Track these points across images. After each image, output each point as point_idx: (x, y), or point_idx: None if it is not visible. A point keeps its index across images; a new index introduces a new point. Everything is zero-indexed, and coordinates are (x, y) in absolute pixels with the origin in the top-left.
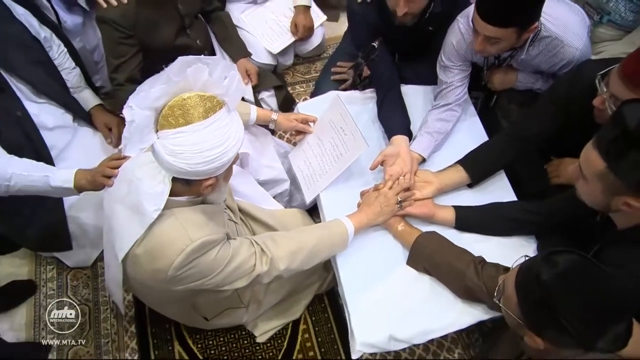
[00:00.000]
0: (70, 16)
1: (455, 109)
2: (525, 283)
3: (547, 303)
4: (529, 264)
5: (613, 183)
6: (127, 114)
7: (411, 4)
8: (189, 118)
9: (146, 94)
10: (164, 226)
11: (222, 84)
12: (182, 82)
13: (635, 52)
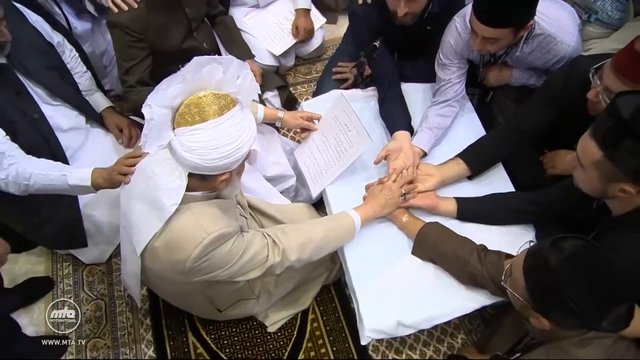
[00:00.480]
0: (80, 22)
1: (454, 104)
2: (534, 268)
3: (555, 286)
4: (536, 249)
5: (610, 170)
6: (146, 112)
7: (411, 4)
8: (205, 115)
9: (164, 93)
10: (181, 220)
11: (235, 82)
12: (198, 81)
13: (627, 46)
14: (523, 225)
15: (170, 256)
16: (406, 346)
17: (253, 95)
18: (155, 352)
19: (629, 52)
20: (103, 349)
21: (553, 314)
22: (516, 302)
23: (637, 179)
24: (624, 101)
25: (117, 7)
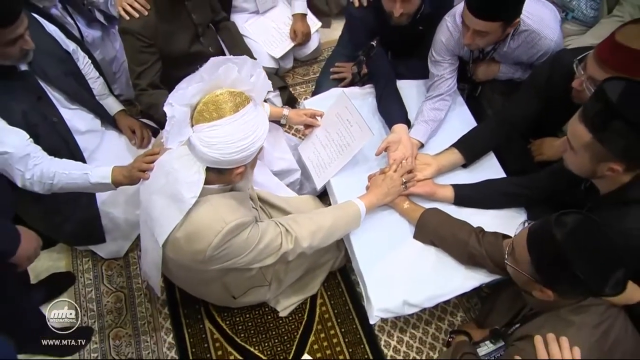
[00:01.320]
0: (91, 31)
1: (447, 98)
2: (539, 243)
3: (563, 259)
4: (538, 226)
5: (599, 151)
6: (167, 110)
7: (406, 5)
8: (222, 112)
9: (184, 92)
10: (201, 211)
11: (249, 80)
12: (215, 80)
13: (609, 38)
14: (516, 208)
15: (191, 246)
16: (410, 325)
17: (265, 93)
18: (175, 339)
19: (611, 43)
20: (125, 338)
21: (560, 285)
22: (519, 278)
23: (625, 157)
24: (610, 86)
25: (129, 15)
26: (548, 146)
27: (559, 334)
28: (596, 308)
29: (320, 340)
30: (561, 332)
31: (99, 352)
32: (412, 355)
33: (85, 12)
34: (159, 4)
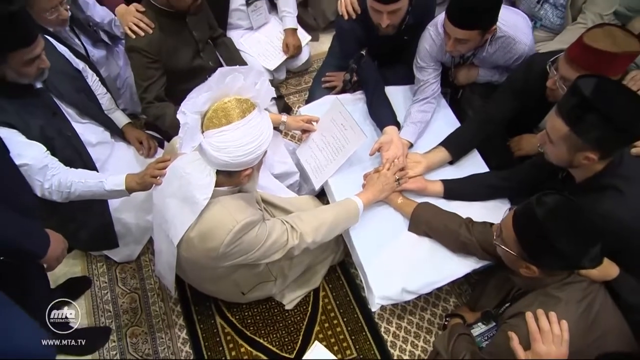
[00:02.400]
0: (96, 50)
1: (432, 101)
2: (523, 222)
3: (544, 234)
4: (522, 208)
5: (576, 142)
6: (180, 118)
7: (392, 17)
8: (230, 118)
9: (195, 100)
10: (212, 212)
11: (254, 88)
12: (223, 88)
13: (577, 40)
14: (500, 199)
15: (205, 244)
16: (407, 312)
17: (269, 99)
18: (188, 335)
19: (579, 45)
20: (141, 335)
21: (543, 259)
22: (507, 257)
23: (599, 147)
24: (584, 83)
25: (135, 33)
26: (526, 142)
27: (547, 309)
28: (579, 285)
29: (325, 330)
30: (549, 308)
31: (117, 350)
32: (411, 340)
33: (91, 33)
34: (162, 23)
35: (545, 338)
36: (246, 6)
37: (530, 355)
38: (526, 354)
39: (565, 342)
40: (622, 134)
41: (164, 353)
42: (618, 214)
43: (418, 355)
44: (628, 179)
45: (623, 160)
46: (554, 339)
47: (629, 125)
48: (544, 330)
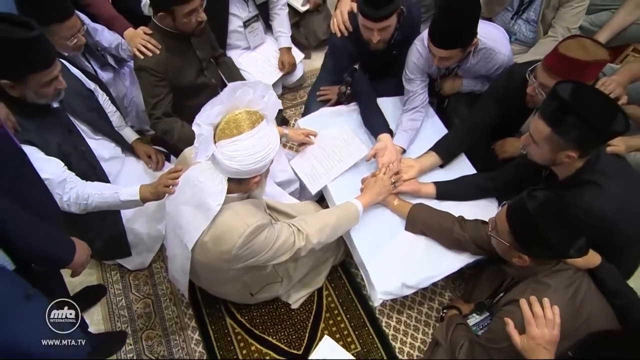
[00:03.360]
0: (104, 73)
1: (421, 110)
2: (516, 215)
3: (535, 226)
4: (515, 202)
5: (557, 142)
6: (195, 129)
7: (382, 33)
8: (241, 129)
9: (209, 113)
10: (224, 217)
11: (262, 100)
12: (234, 101)
13: (553, 50)
14: (488, 198)
15: (218, 247)
16: (406, 307)
17: (276, 111)
18: (200, 336)
19: (555, 55)
20: (156, 338)
21: (534, 248)
22: (501, 247)
23: (579, 145)
24: (562, 88)
25: (143, 54)
26: (509, 145)
27: (539, 296)
28: (566, 272)
29: (330, 326)
30: (540, 294)
31: (134, 353)
32: (411, 333)
33: (99, 57)
34: (168, 43)
35: (539, 322)
36: (244, 27)
37: (525, 338)
38: (521, 338)
39: (557, 325)
40: (599, 133)
41: (178, 354)
42: (598, 207)
43: (418, 347)
44: (605, 174)
45: (600, 158)
46: (547, 323)
47: (605, 125)
48: (538, 315)
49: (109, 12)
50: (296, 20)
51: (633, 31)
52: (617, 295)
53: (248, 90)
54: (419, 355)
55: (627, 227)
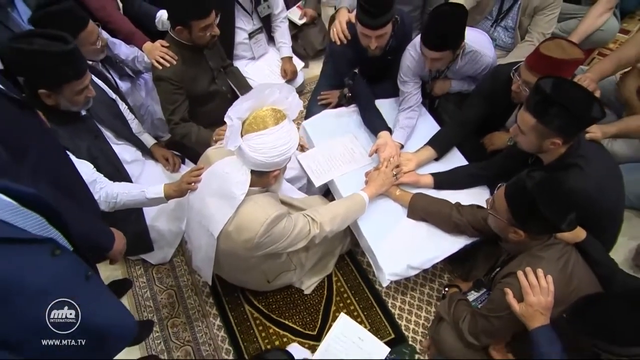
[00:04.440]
0: (122, 83)
1: (416, 109)
2: (515, 193)
3: (532, 202)
4: (514, 182)
5: (542, 131)
6: (227, 121)
7: (379, 40)
8: (266, 124)
9: (239, 107)
10: (247, 207)
11: (286, 100)
12: (262, 99)
13: (535, 51)
14: (480, 186)
15: (241, 235)
16: (409, 289)
17: (298, 111)
18: (222, 322)
19: (537, 54)
20: (180, 325)
21: (530, 223)
22: (498, 224)
23: (562, 132)
24: (544, 82)
25: (161, 65)
26: (497, 138)
27: (534, 267)
28: (556, 246)
29: (340, 309)
30: (535, 266)
31: (162, 339)
32: (414, 311)
33: (118, 68)
34: (184, 55)
35: (535, 291)
36: (249, 39)
37: (523, 306)
38: (520, 306)
39: (551, 292)
40: (579, 120)
41: (202, 339)
42: (582, 186)
43: (422, 324)
44: (586, 158)
45: (580, 143)
46: (542, 291)
47: (584, 113)
48: (534, 285)
49: (128, 28)
50: (294, 32)
51: (597, 37)
52: (601, 265)
53: (275, 90)
54: (423, 332)
55: (607, 204)
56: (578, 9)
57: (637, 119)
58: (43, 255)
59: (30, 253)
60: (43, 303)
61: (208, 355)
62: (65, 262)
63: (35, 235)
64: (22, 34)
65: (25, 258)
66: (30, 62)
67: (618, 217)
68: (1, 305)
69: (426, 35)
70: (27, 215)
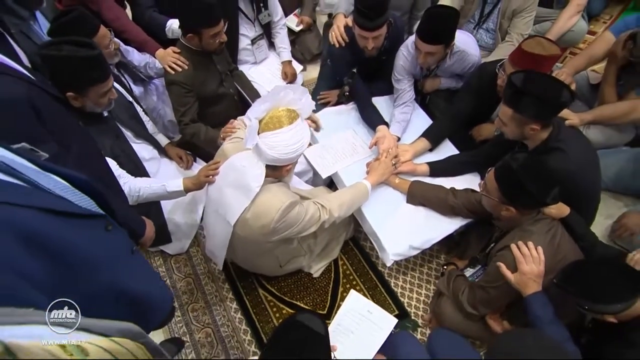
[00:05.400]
0: (136, 87)
1: (409, 104)
2: (503, 174)
3: (519, 180)
4: (501, 164)
5: (520, 119)
6: (246, 121)
7: (376, 40)
8: (281, 124)
9: (258, 108)
10: (263, 196)
11: (300, 101)
12: (277, 100)
13: (517, 48)
14: (471, 173)
15: (258, 222)
16: (409, 269)
17: (310, 111)
18: (238, 305)
19: (519, 51)
20: (200, 310)
21: (518, 199)
22: (491, 204)
23: (537, 118)
24: (515, 77)
25: (173, 70)
26: (484, 129)
27: (525, 240)
28: (544, 221)
29: (347, 290)
30: (527, 239)
31: (183, 322)
32: (415, 289)
33: (131, 73)
34: (194, 60)
35: (527, 260)
36: (251, 45)
37: (518, 275)
38: (514, 275)
39: (542, 262)
40: (551, 105)
41: (221, 321)
42: (564, 166)
43: (422, 300)
44: (566, 142)
45: (561, 129)
46: (534, 260)
47: (554, 99)
48: (526, 255)
49: (141, 37)
50: (292, 38)
51: (569, 37)
52: (583, 238)
53: (289, 92)
54: (424, 307)
55: (586, 184)
56: (551, 12)
57: (609, 107)
58: (98, 229)
59: (88, 227)
60: (100, 272)
61: (227, 335)
62: (116, 236)
63: (91, 211)
64: (51, 41)
65: (84, 231)
66: (60, 67)
67: (596, 197)
68: (66, 270)
69: (423, 30)
70: (80, 195)
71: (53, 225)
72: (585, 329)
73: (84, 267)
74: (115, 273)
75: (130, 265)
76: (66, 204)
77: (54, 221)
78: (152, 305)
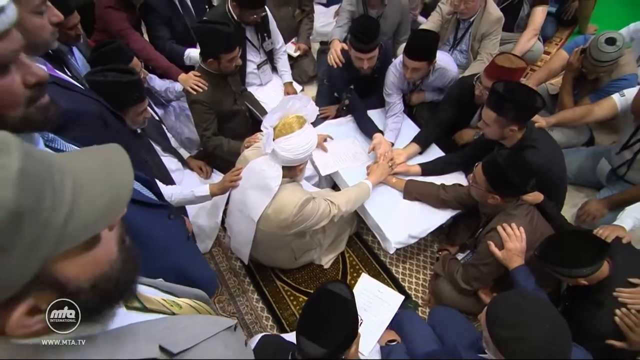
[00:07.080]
0: (157, 109)
1: (400, 115)
2: (490, 167)
3: (503, 172)
4: (488, 159)
5: (501, 121)
6: (263, 129)
7: (370, 61)
8: (293, 129)
9: (271, 117)
10: (282, 194)
11: (306, 108)
12: (288, 109)
13: (491, 62)
14: (457, 172)
15: (278, 216)
16: (407, 257)
17: (315, 116)
18: (259, 296)
19: (493, 65)
20: (225, 301)
21: (503, 189)
22: (479, 193)
23: (517, 120)
24: (497, 85)
25: (195, 91)
26: (465, 134)
27: (509, 222)
28: (524, 206)
29: (355, 278)
30: (510, 221)
31: None
32: (414, 275)
33: (153, 97)
34: (212, 82)
35: (512, 238)
36: (257, 69)
37: (504, 252)
38: (502, 252)
39: (524, 240)
40: (528, 110)
41: (245, 310)
42: (537, 161)
43: (421, 284)
44: (537, 140)
45: (532, 130)
46: (517, 239)
47: (530, 104)
48: (510, 234)
49: (166, 64)
50: (290, 63)
51: (529, 56)
52: (556, 220)
53: (296, 101)
54: (423, 289)
55: (554, 175)
56: (512, 35)
57: (569, 111)
58: (163, 217)
59: (156, 214)
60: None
61: (252, 322)
62: (176, 224)
63: (157, 201)
64: (95, 70)
65: (153, 218)
66: (105, 91)
67: (563, 185)
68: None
69: (409, 49)
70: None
71: (135, 212)
72: (562, 297)
73: (156, 248)
74: (177, 254)
75: (187, 249)
76: (139, 194)
77: (132, 208)
78: (202, 282)
